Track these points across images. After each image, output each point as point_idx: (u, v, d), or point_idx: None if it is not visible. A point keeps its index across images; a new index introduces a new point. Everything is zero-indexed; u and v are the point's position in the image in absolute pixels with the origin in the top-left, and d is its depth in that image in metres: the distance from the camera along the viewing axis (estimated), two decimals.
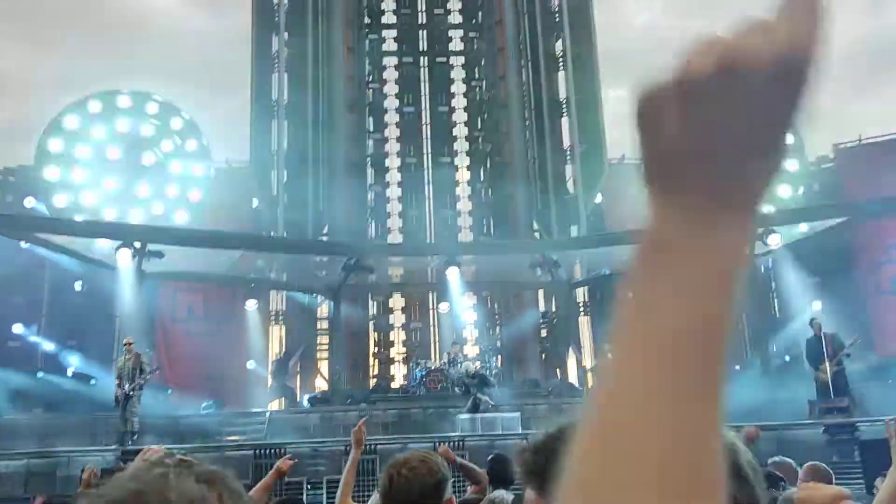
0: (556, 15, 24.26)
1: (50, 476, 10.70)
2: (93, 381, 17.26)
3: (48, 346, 18.88)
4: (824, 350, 13.31)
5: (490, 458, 5.44)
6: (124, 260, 15.58)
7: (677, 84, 0.47)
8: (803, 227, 17.74)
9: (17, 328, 18.91)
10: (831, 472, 4.86)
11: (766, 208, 0.51)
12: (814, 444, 11.59)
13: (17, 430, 14.37)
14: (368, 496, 3.97)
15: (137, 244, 15.66)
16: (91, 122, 20.46)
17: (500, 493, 3.65)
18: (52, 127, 20.31)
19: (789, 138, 0.49)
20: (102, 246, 16.52)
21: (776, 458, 5.54)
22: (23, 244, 17.00)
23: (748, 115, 0.46)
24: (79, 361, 18.37)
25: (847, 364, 13.54)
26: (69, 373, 18.04)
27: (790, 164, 21.18)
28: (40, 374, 17.85)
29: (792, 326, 18.97)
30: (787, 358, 18.37)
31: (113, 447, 12.23)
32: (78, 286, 19.37)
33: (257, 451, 11.85)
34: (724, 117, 0.46)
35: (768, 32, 0.45)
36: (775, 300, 21.50)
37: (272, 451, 11.57)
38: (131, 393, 12.84)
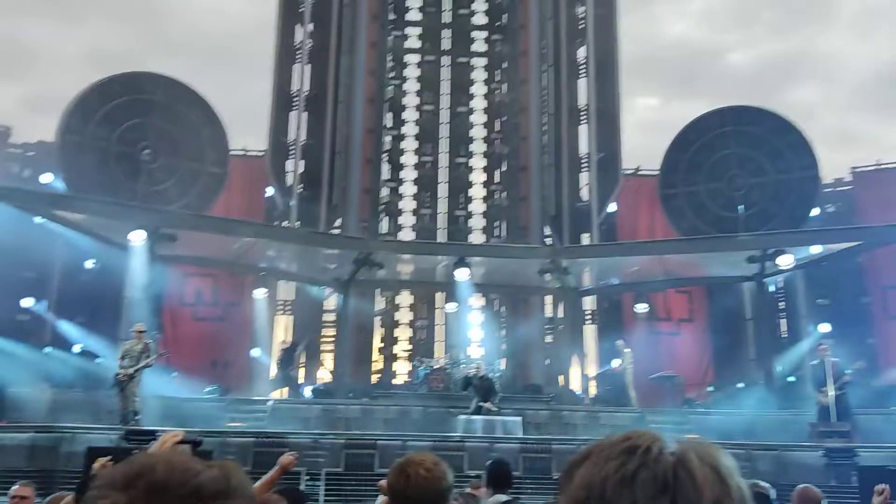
0: (582, 21, 24.23)
1: (53, 450, 10.80)
2: (98, 360, 17.38)
3: (56, 321, 19.03)
4: (828, 375, 13.24)
5: (489, 461, 5.46)
6: (137, 241, 15.70)
7: None
8: (816, 249, 17.61)
9: (27, 302, 19.06)
10: (821, 496, 4.71)
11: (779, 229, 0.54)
12: (812, 467, 11.53)
13: (22, 404, 14.53)
14: (368, 490, 3.99)
15: (151, 227, 15.78)
16: (112, 102, 20.58)
17: (500, 498, 3.62)
18: (75, 105, 20.45)
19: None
20: (116, 226, 16.63)
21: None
22: (36, 219, 17.15)
23: None
24: (86, 339, 18.49)
25: (850, 390, 13.46)
26: (76, 349, 18.17)
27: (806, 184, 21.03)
28: (48, 349, 17.99)
29: (798, 347, 18.87)
30: (792, 378, 18.26)
31: (116, 426, 12.32)
32: (89, 264, 19.51)
33: (258, 439, 11.92)
34: None
35: None
36: (783, 320, 21.38)
37: (273, 440, 11.64)
38: (134, 374, 12.91)
